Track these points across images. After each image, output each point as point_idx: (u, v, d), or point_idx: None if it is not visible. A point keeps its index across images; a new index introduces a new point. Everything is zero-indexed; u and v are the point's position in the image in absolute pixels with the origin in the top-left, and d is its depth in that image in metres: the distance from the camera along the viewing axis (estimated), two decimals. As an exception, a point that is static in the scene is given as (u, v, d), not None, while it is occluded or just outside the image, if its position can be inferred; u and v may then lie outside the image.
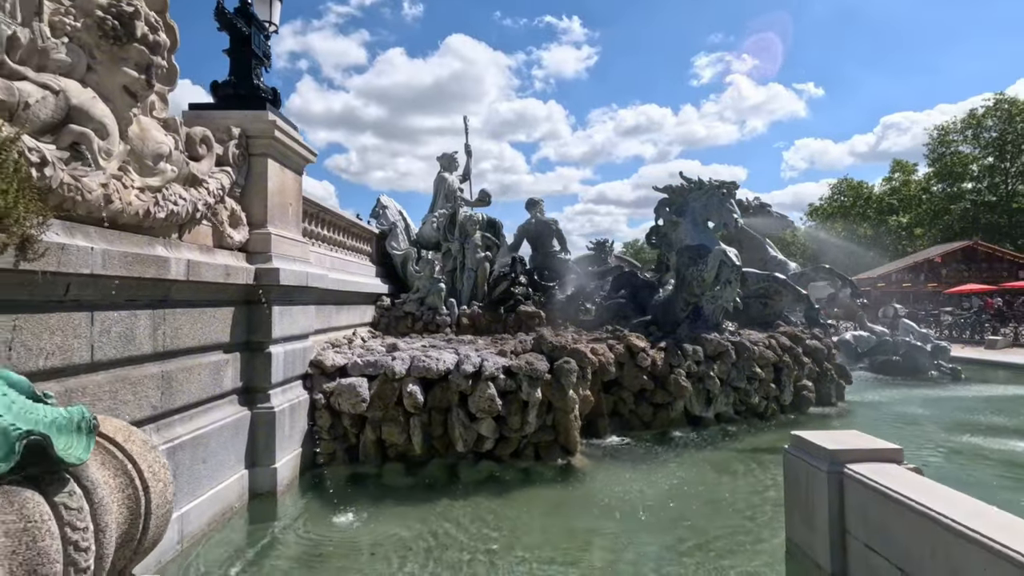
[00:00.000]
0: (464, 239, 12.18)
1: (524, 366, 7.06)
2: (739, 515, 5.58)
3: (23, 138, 3.16)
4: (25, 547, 1.37)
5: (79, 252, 3.44)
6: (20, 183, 3.08)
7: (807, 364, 9.86)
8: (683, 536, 5.09)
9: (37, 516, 1.41)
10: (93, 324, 3.74)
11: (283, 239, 6.38)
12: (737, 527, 5.31)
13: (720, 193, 9.77)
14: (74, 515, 1.52)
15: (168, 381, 4.53)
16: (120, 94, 3.96)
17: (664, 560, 4.64)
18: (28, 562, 1.36)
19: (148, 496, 1.94)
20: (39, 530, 1.40)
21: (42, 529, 1.41)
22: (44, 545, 1.39)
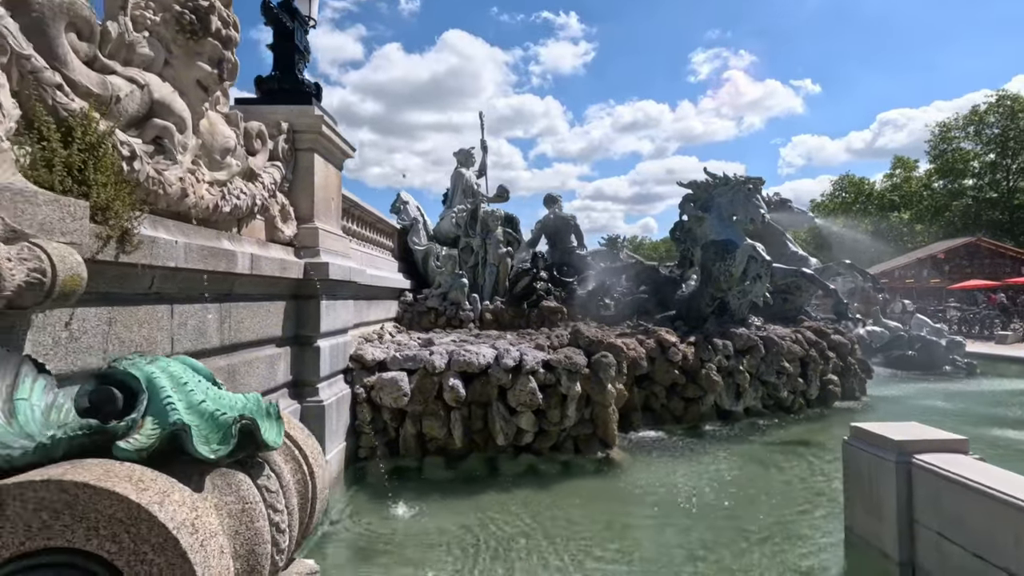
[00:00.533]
0: (486, 234, 12.20)
1: (563, 360, 7.11)
2: (784, 507, 5.66)
3: (115, 132, 3.18)
4: (245, 527, 1.41)
5: (165, 245, 3.47)
6: (115, 177, 3.12)
7: (832, 359, 9.95)
8: (734, 527, 5.16)
9: (252, 498, 1.46)
10: (173, 317, 3.78)
11: (328, 234, 6.40)
12: (784, 518, 5.38)
13: (746, 189, 9.82)
14: (274, 497, 1.56)
15: (232, 374, 4.56)
16: (194, 88, 3.98)
17: (722, 552, 4.71)
18: (248, 542, 1.41)
19: (313, 480, 1.98)
20: (255, 511, 1.44)
21: (256, 510, 1.45)
22: (259, 526, 1.43)
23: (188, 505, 1.25)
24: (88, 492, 1.16)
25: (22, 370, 1.86)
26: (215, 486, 1.40)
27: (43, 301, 1.99)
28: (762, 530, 5.08)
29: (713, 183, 10.37)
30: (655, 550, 4.80)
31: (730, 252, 9.52)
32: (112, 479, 1.19)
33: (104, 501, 1.16)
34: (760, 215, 9.59)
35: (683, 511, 5.57)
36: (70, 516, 1.16)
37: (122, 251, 3.06)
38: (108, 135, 3.05)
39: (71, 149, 2.82)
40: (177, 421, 1.37)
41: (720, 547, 4.77)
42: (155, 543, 1.16)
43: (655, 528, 5.22)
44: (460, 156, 14.77)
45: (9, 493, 1.16)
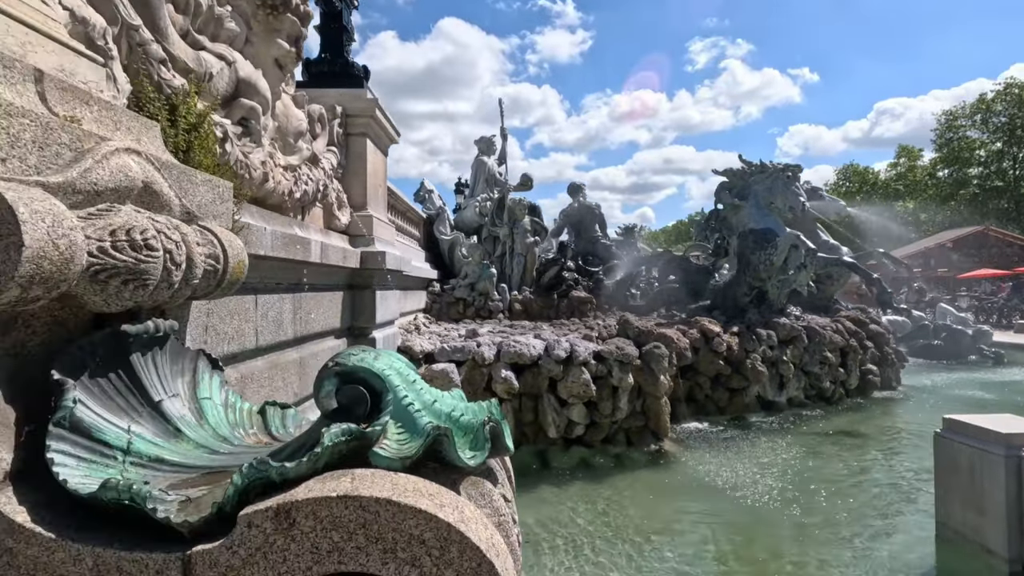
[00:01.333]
0: (513, 224, 12.03)
1: (614, 351, 6.97)
2: (852, 499, 5.54)
3: (212, 116, 2.99)
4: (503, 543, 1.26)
5: (256, 232, 3.29)
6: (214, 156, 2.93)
7: (870, 348, 9.84)
8: (805, 522, 5.05)
9: (503, 509, 1.30)
10: (257, 308, 3.61)
11: (380, 222, 6.23)
12: (856, 510, 5.28)
13: (785, 176, 9.65)
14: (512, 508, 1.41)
15: (303, 367, 4.40)
16: (272, 67, 3.78)
17: (804, 547, 4.59)
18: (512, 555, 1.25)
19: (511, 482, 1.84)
20: (507, 524, 1.29)
21: (507, 523, 1.30)
22: (512, 541, 1.28)
23: (482, 523, 1.09)
24: (390, 510, 1.00)
25: (199, 366, 1.70)
26: (471, 497, 1.24)
27: (212, 290, 1.82)
28: (836, 524, 4.97)
29: (749, 170, 10.19)
30: (730, 547, 4.69)
31: (770, 241, 9.35)
32: (408, 494, 1.03)
33: (409, 520, 1.00)
34: (800, 203, 9.43)
35: (749, 505, 5.45)
36: (364, 536, 1.00)
37: (224, 238, 2.88)
38: (207, 115, 2.87)
39: (177, 128, 2.64)
40: (434, 425, 1.21)
41: (798, 542, 4.66)
42: (464, 568, 1.00)
43: (725, 524, 5.09)
44: (481, 144, 14.54)
45: (300, 510, 1.00)
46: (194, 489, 1.20)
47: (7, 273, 0.96)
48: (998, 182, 45.87)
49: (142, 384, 1.38)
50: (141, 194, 1.42)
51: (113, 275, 1.22)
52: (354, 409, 1.25)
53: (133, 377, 1.37)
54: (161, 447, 1.30)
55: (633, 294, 12.81)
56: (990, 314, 19.74)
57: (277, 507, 0.99)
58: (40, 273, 1.01)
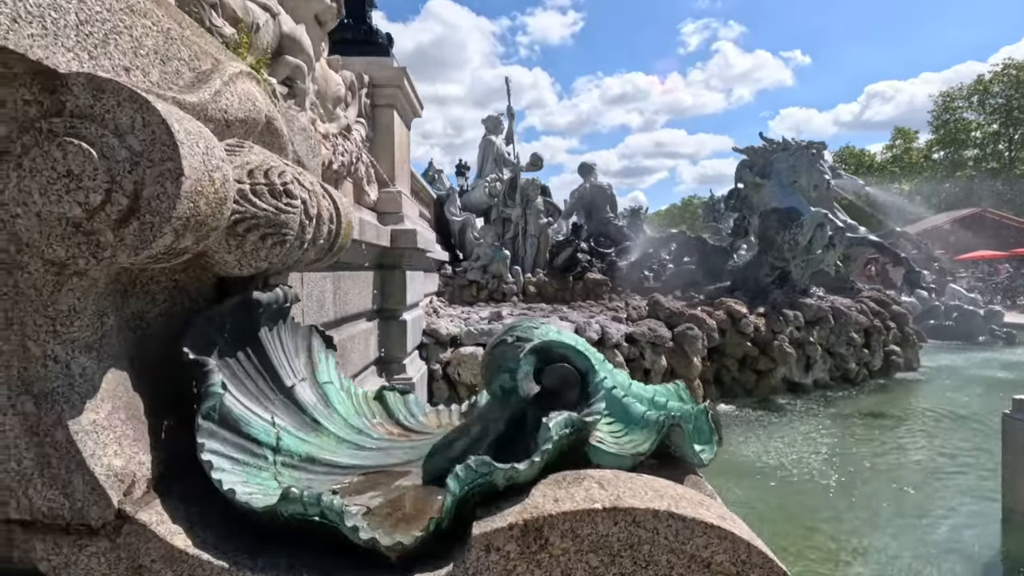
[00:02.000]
0: (526, 204, 11.73)
1: (647, 332, 6.77)
2: (896, 482, 5.39)
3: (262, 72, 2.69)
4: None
5: (306, 203, 3.01)
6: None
7: (892, 329, 9.71)
8: (860, 503, 4.91)
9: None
10: (303, 285, 3.33)
11: (407, 199, 5.93)
12: (906, 493, 5.14)
13: (809, 153, 9.42)
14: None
15: (344, 350, 4.15)
16: (312, 23, 3.47)
17: (862, 530, 4.45)
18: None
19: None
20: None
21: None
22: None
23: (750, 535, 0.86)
24: (673, 526, 0.76)
25: (314, 344, 1.45)
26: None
27: (324, 255, 1.56)
28: (891, 507, 4.84)
29: (771, 148, 9.95)
30: (787, 533, 4.53)
31: (795, 220, 9.15)
32: (684, 504, 0.79)
33: (697, 539, 0.76)
34: (825, 181, 9.22)
35: (796, 489, 5.30)
36: (631, 560, 0.77)
37: (281, 207, 2.61)
38: (259, 68, 2.57)
39: (232, 82, 2.34)
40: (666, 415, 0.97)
41: (856, 526, 4.52)
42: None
43: (777, 508, 4.94)
44: (489, 123, 14.18)
45: (554, 527, 0.76)
46: (361, 496, 0.96)
47: (163, 213, 0.70)
48: (994, 164, 45.97)
49: (272, 366, 1.13)
50: (263, 132, 1.16)
51: (253, 227, 0.97)
52: (563, 394, 1.00)
53: (263, 358, 1.12)
54: (310, 443, 1.05)
55: (647, 276, 12.61)
56: (994, 294, 19.76)
57: (524, 524, 0.75)
58: (196, 216, 0.75)
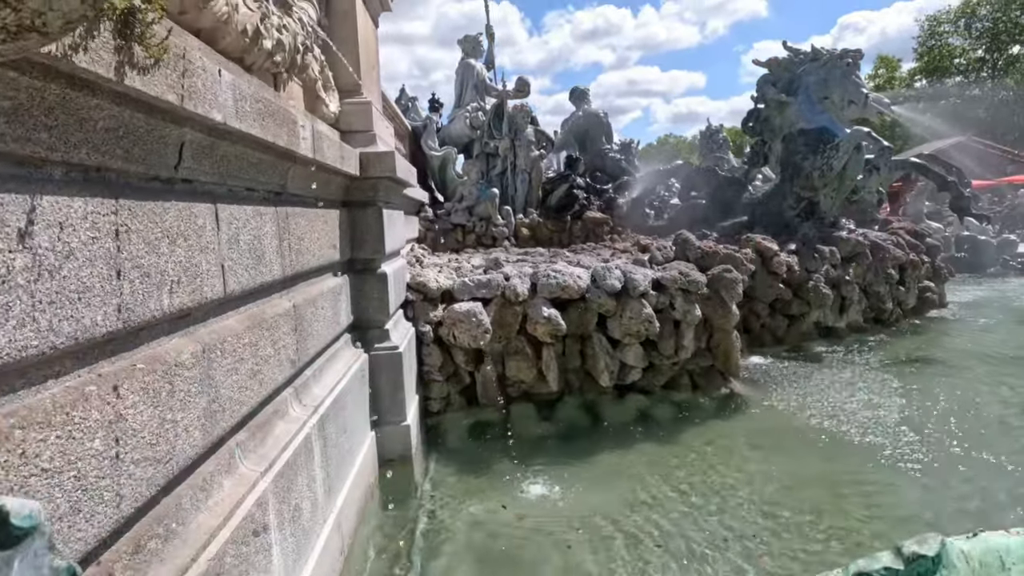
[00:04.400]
0: (515, 135, 10.27)
1: (678, 278, 5.65)
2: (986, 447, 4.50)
3: None
4: None
5: (203, 75, 1.68)
6: None
7: (926, 263, 8.82)
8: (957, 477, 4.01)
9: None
10: (219, 227, 2.05)
11: (379, 115, 4.55)
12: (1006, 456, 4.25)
13: (844, 64, 8.13)
14: None
15: (299, 320, 2.91)
16: None
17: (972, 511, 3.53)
18: None
19: None
20: None
21: None
22: None
23: None
24: None
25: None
26: None
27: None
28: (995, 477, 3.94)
29: (797, 60, 8.62)
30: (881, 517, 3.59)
31: (827, 142, 7.97)
32: None
33: None
34: (862, 95, 8.01)
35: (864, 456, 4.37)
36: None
37: (128, 56, 1.30)
38: None
39: None
40: None
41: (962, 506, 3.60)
42: None
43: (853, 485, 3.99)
44: (466, 45, 12.43)
45: None
46: None
47: None
48: (976, 91, 45.15)
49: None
50: None
51: None
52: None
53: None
54: None
55: (648, 213, 11.44)
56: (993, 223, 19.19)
57: None
58: None
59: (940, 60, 46.23)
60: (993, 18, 43.05)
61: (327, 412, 3.06)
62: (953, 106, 44.31)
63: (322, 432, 2.93)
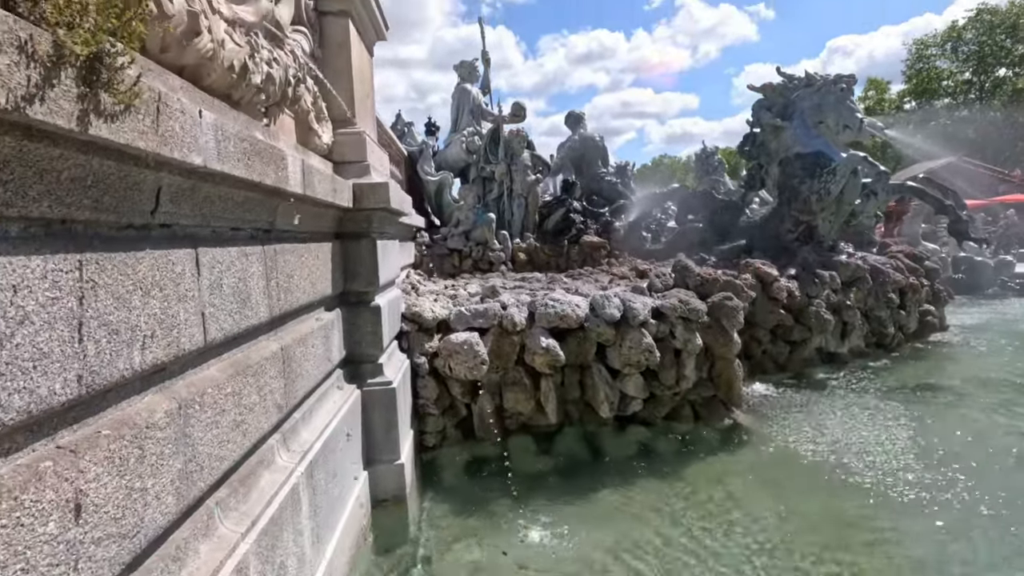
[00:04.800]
0: (511, 160, 10.26)
1: (678, 306, 5.54)
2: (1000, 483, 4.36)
3: None
4: None
5: (183, 118, 1.59)
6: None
7: (926, 286, 8.75)
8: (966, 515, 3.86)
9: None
10: (200, 273, 1.93)
11: (373, 145, 4.48)
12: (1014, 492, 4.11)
13: (838, 90, 8.17)
14: None
15: (288, 361, 2.79)
16: None
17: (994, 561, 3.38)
18: None
19: None
20: None
21: None
22: None
23: None
24: None
25: None
26: None
27: None
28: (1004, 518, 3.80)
29: (792, 84, 8.67)
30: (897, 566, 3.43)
31: (824, 166, 7.96)
32: None
33: None
34: (857, 120, 8.03)
35: (877, 495, 4.22)
36: None
37: (95, 104, 1.20)
38: None
39: None
40: None
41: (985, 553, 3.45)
42: None
43: (867, 530, 3.85)
44: (463, 70, 12.51)
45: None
46: None
47: None
48: (964, 111, 45.83)
49: None
50: None
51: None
52: None
53: None
54: None
55: (645, 237, 11.39)
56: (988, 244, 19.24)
57: None
58: None
59: (928, 82, 47.01)
60: (979, 42, 43.90)
61: (316, 457, 2.92)
62: (943, 127, 45.00)
63: (310, 480, 2.78)
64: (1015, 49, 42.91)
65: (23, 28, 1.01)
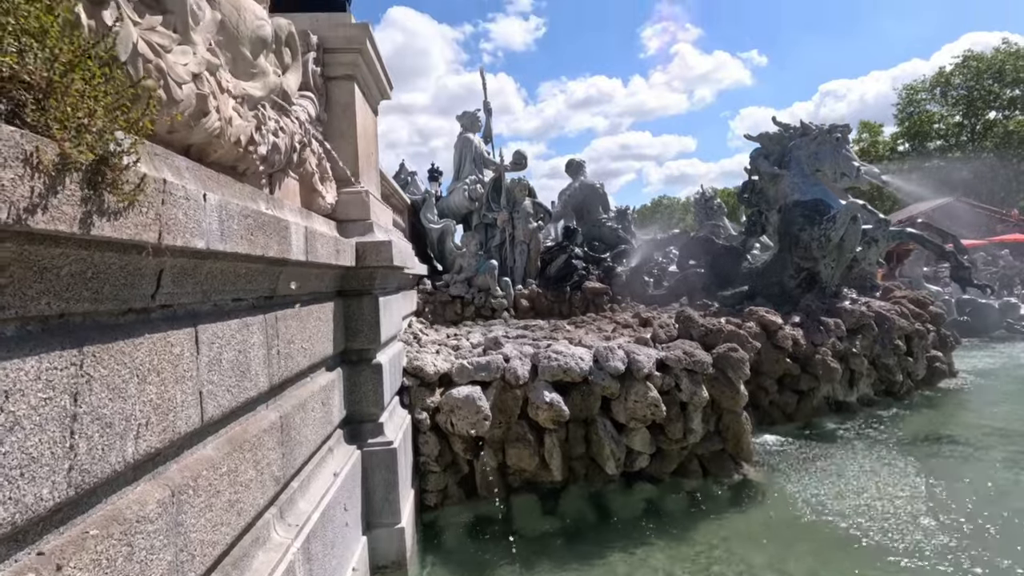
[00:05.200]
0: (513, 207, 10.39)
1: (682, 358, 5.48)
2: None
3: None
4: None
5: (186, 204, 1.60)
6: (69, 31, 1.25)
7: (932, 332, 8.67)
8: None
9: None
10: (199, 351, 1.91)
11: (376, 202, 4.53)
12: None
13: (833, 139, 8.32)
14: None
15: (286, 430, 2.72)
16: (204, -96, 2.06)
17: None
18: None
19: None
20: None
21: None
22: None
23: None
24: None
25: None
26: None
27: None
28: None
29: (787, 134, 8.84)
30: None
31: (823, 213, 8.03)
32: None
33: None
34: (854, 168, 8.13)
35: (886, 553, 4.04)
36: None
37: (98, 205, 1.20)
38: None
39: None
40: None
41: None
42: None
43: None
44: (465, 120, 12.81)
45: None
46: None
47: None
48: (957, 153, 46.65)
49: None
50: None
51: None
52: None
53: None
54: None
55: (647, 282, 11.40)
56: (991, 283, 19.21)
57: None
58: None
59: (920, 125, 48.01)
60: (967, 86, 45.07)
61: (314, 528, 2.81)
62: (937, 168, 45.71)
63: (307, 554, 2.68)
64: (1003, 93, 43.98)
65: (29, 140, 1.01)
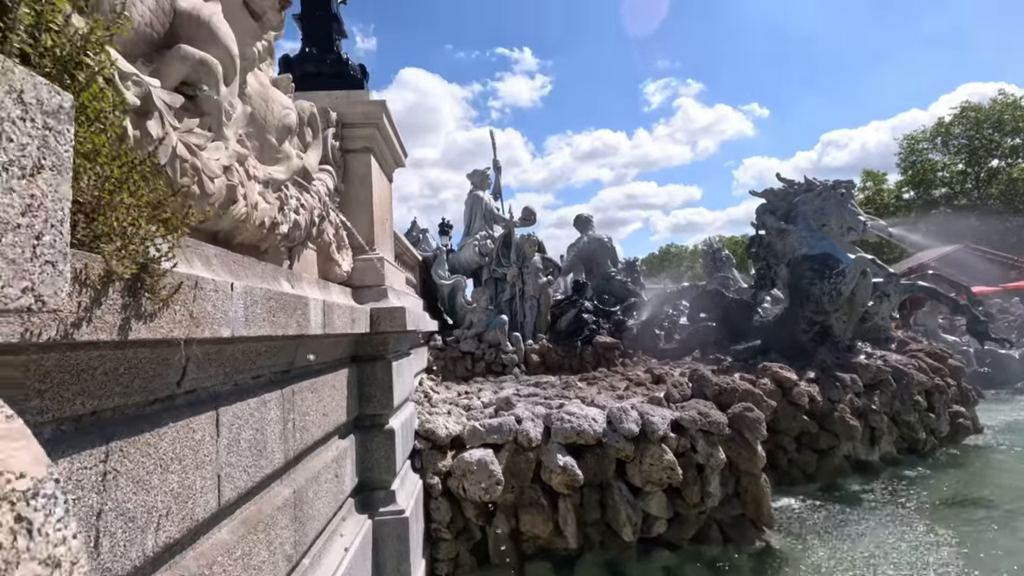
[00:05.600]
0: (523, 263, 10.52)
1: (698, 418, 5.40)
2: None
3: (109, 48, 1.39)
4: None
5: (214, 296, 1.66)
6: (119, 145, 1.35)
7: (952, 386, 8.49)
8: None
9: None
10: (219, 434, 1.93)
11: (391, 267, 4.63)
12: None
13: (838, 194, 8.44)
14: None
15: (300, 505, 2.70)
16: (240, 11, 2.24)
17: None
18: None
19: None
20: None
21: None
22: None
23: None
24: None
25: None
26: None
27: None
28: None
29: (792, 189, 8.99)
30: None
31: (832, 267, 8.05)
32: None
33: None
34: (860, 223, 8.20)
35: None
36: None
37: (136, 310, 1.26)
38: (98, 49, 1.28)
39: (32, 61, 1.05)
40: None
41: None
42: None
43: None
44: (475, 178, 13.17)
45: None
46: None
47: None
48: (964, 200, 46.88)
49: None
50: None
51: None
52: None
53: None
54: None
55: (658, 335, 11.34)
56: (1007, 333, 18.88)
57: None
58: None
59: (924, 173, 48.51)
60: (968, 136, 45.77)
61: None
62: (944, 215, 45.88)
63: (317, 639, 2.60)
64: (1004, 142, 44.56)
65: (79, 259, 1.08)
